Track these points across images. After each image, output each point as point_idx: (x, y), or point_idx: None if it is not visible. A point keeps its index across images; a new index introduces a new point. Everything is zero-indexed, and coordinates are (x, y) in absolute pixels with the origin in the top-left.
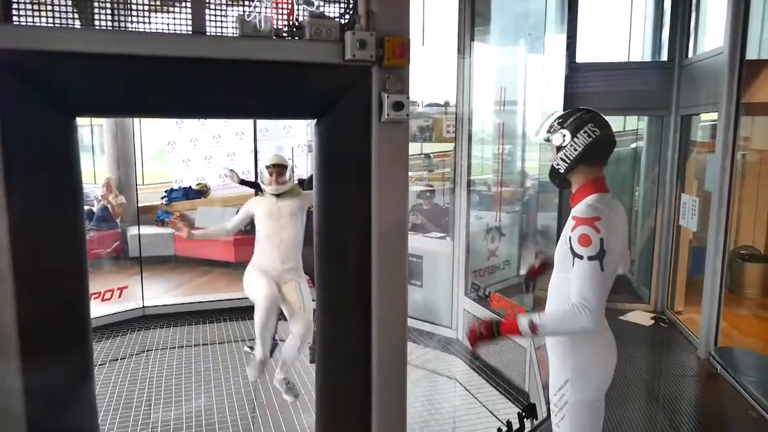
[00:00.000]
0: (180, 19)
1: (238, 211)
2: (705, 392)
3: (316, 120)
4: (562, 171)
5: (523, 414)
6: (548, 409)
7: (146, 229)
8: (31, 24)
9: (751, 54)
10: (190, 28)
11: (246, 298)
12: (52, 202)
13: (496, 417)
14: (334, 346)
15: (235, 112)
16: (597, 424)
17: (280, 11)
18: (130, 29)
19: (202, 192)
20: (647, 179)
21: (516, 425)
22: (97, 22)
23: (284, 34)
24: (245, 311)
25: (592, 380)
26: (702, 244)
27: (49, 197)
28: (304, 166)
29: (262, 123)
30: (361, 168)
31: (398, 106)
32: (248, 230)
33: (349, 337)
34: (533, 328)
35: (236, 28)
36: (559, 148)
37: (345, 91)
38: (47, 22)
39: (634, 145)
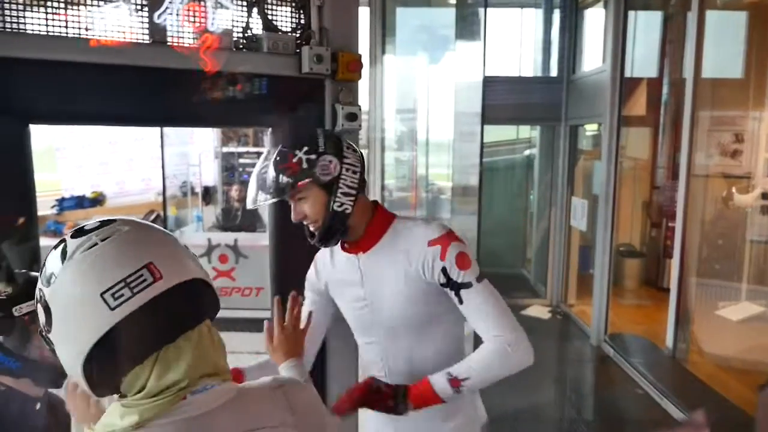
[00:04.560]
0: (140, 28)
1: None
2: (599, 374)
3: (271, 129)
4: (350, 210)
5: None
6: None
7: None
8: None
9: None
10: (148, 37)
11: None
12: (5, 209)
13: None
14: None
15: (193, 121)
16: None
17: (191, 15)
18: (86, 37)
19: (97, 200)
20: (541, 184)
21: None
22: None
23: (242, 47)
24: None
25: None
26: (588, 243)
27: (1, 204)
28: (211, 172)
29: (166, 128)
30: None
31: (351, 117)
32: None
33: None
34: (455, 383)
35: (195, 39)
36: (330, 185)
37: (300, 102)
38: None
39: (527, 152)
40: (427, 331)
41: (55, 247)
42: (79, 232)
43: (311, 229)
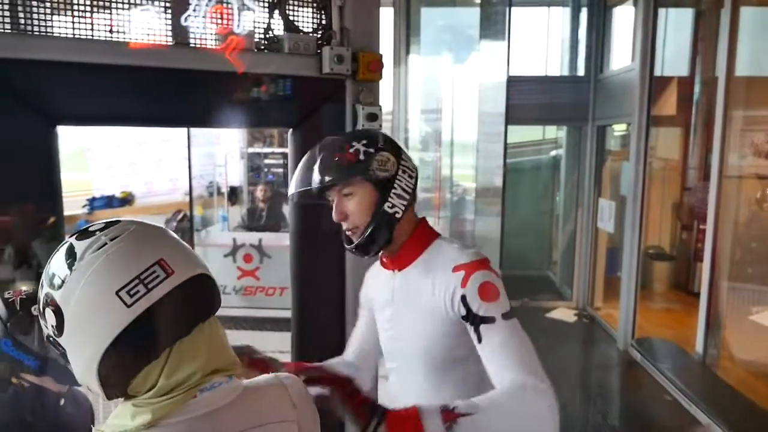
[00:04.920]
0: (164, 30)
1: (167, 220)
2: (626, 379)
3: (292, 129)
4: (400, 215)
5: None
6: None
7: None
8: (9, 32)
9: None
10: (171, 39)
11: None
12: (33, 209)
13: None
14: (310, 345)
15: (216, 122)
16: None
17: (217, 17)
18: (112, 39)
19: (126, 200)
20: (567, 185)
21: None
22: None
23: (263, 48)
24: None
25: None
26: (616, 245)
27: (29, 203)
28: (237, 173)
29: (193, 129)
30: None
31: (372, 117)
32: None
33: (324, 336)
34: (448, 416)
35: (217, 40)
36: (387, 181)
37: (321, 102)
38: (25, 31)
39: (554, 153)
40: (445, 373)
41: (58, 249)
42: (84, 234)
43: (349, 233)
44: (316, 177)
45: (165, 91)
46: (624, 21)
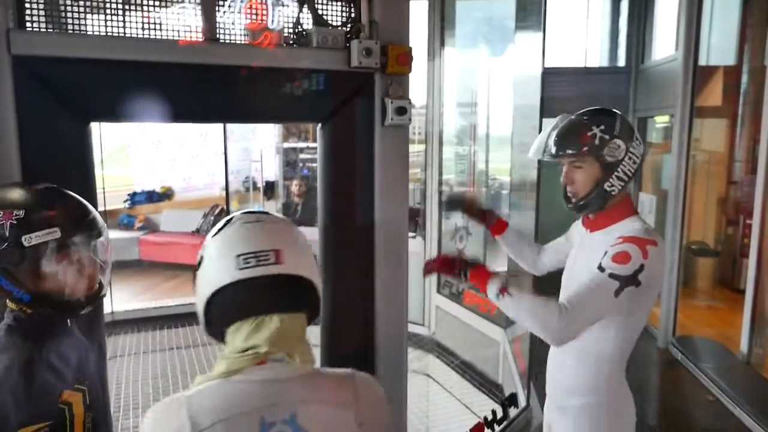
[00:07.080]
0: (194, 26)
1: (205, 214)
2: (665, 378)
3: (321, 123)
4: (615, 193)
5: (506, 402)
6: (527, 398)
7: (110, 234)
8: (45, 30)
9: (699, 61)
10: (201, 35)
11: None
12: None
13: (471, 410)
14: (338, 341)
15: (246, 117)
16: None
17: (252, 13)
18: (143, 37)
19: (166, 195)
20: None
21: (500, 414)
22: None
23: (292, 42)
24: None
25: None
26: None
27: None
28: (272, 168)
29: (229, 125)
30: (364, 169)
31: (401, 111)
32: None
33: (353, 332)
34: (502, 290)
35: (246, 35)
36: (612, 165)
37: (349, 96)
38: (60, 29)
39: None
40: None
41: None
42: (246, 213)
43: (569, 194)
44: (555, 146)
45: (196, 88)
46: (667, 9)
